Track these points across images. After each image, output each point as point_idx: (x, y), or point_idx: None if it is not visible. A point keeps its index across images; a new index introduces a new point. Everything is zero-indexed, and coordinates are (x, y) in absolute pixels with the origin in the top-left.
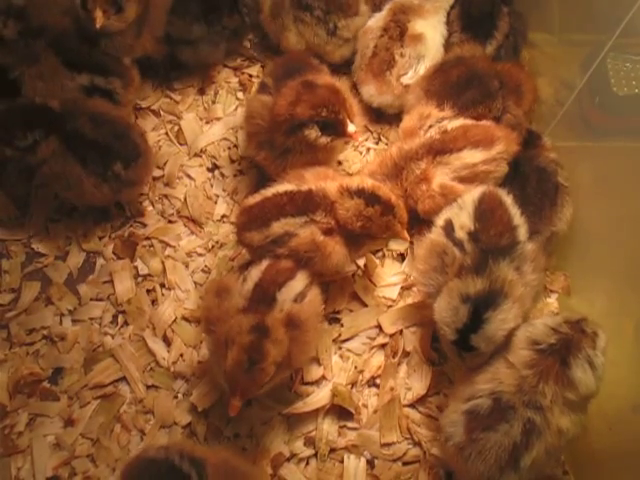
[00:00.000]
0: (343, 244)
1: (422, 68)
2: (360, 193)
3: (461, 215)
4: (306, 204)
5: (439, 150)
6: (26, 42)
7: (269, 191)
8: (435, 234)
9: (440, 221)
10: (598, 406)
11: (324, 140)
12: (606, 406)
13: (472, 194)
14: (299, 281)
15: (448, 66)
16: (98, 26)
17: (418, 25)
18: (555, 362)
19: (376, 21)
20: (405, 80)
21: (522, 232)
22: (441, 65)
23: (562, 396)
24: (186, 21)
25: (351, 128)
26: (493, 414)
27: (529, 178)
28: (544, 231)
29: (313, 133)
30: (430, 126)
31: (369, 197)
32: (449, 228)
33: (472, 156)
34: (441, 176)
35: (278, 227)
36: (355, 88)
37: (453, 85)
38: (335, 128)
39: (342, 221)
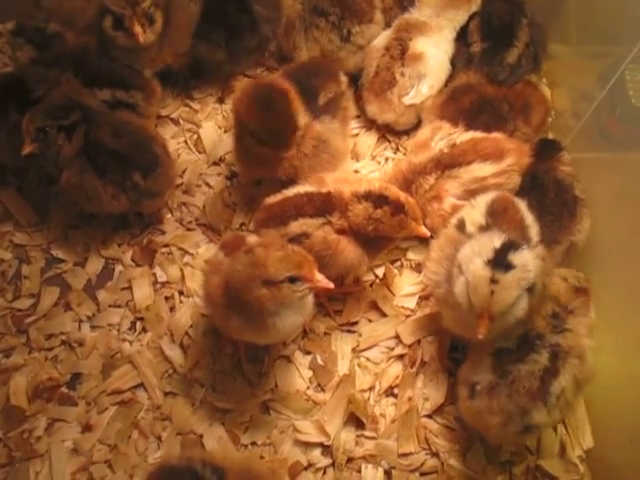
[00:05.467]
0: (356, 244)
1: (424, 87)
2: (367, 196)
3: (473, 213)
4: (324, 206)
5: (448, 164)
6: (36, 70)
7: (290, 191)
8: (449, 229)
9: (454, 220)
10: (619, 420)
11: None
12: (626, 420)
13: (485, 196)
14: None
15: (459, 93)
16: (142, 41)
17: (419, 44)
18: None
19: (381, 40)
20: (407, 100)
21: (534, 232)
22: (452, 92)
23: None
24: (209, 47)
25: None
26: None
27: (548, 189)
28: (563, 241)
29: None
30: (441, 138)
31: (377, 199)
32: (461, 225)
33: (481, 169)
34: (452, 195)
35: (296, 227)
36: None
37: (466, 111)
38: None
39: (354, 226)
